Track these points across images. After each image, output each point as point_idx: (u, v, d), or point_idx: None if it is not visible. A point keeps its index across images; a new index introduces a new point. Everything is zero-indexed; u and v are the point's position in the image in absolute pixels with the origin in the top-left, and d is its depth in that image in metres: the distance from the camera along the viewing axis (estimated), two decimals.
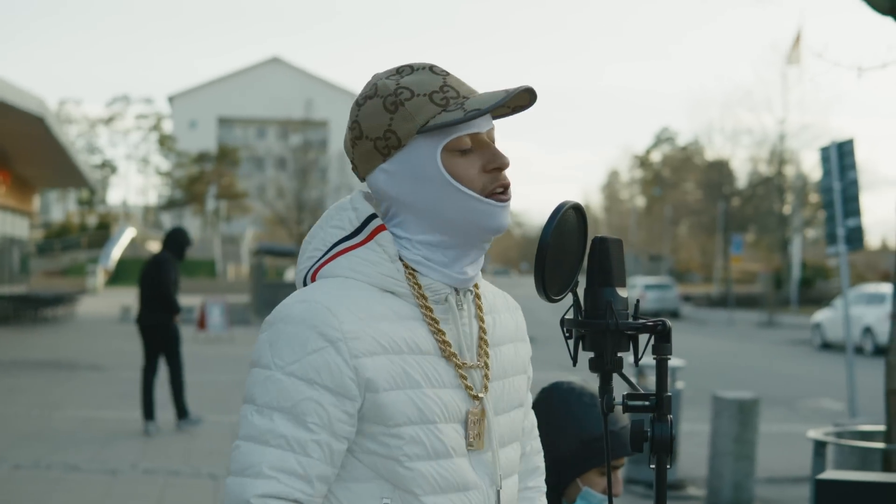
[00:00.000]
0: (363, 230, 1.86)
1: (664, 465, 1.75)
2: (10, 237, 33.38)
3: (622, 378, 1.80)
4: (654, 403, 1.76)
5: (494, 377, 1.90)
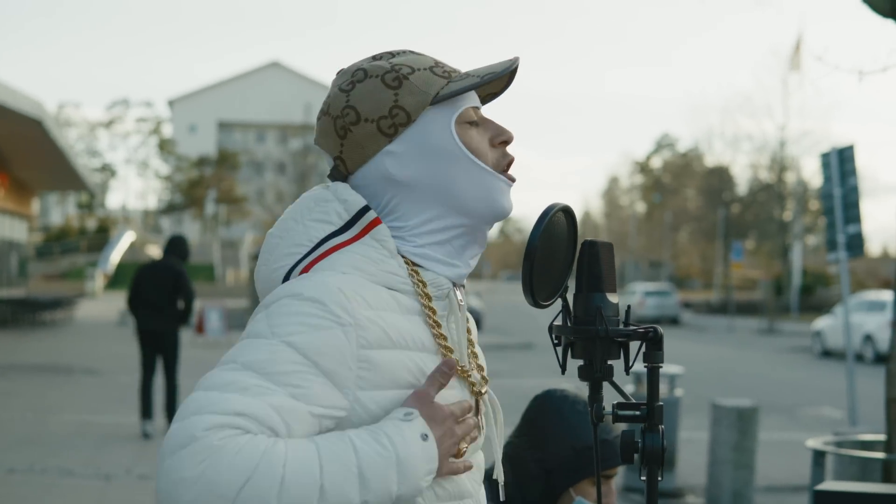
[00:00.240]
0: (355, 224, 1.68)
1: (655, 477, 1.69)
2: (9, 240, 33.34)
3: (613, 387, 1.74)
4: (646, 413, 1.69)
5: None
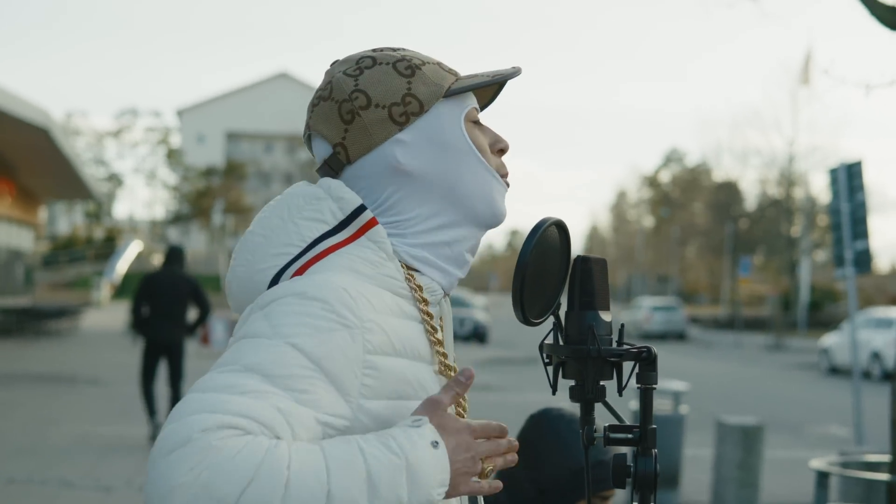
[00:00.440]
0: (350, 224, 1.59)
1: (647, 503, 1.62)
2: (15, 249, 33.34)
3: (606, 408, 1.68)
4: (638, 436, 1.63)
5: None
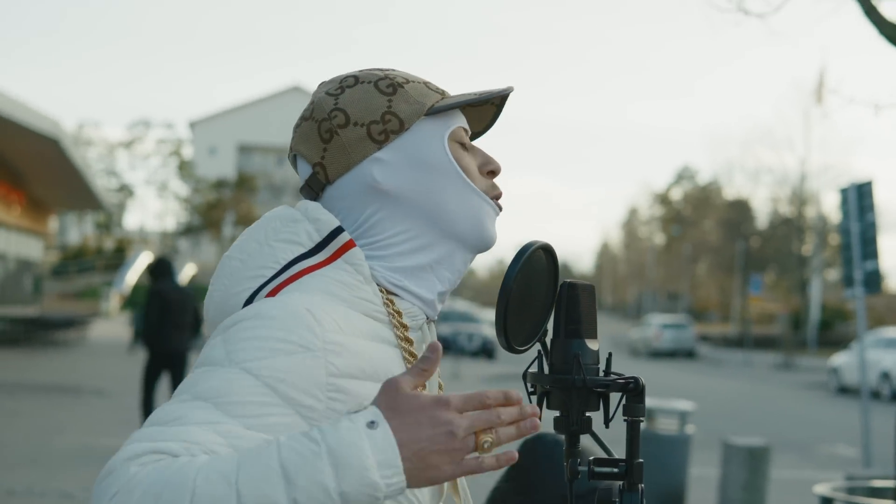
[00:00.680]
0: (326, 246, 1.54)
1: None
2: (24, 258, 33.36)
3: (594, 439, 1.60)
4: (624, 471, 1.55)
5: None
